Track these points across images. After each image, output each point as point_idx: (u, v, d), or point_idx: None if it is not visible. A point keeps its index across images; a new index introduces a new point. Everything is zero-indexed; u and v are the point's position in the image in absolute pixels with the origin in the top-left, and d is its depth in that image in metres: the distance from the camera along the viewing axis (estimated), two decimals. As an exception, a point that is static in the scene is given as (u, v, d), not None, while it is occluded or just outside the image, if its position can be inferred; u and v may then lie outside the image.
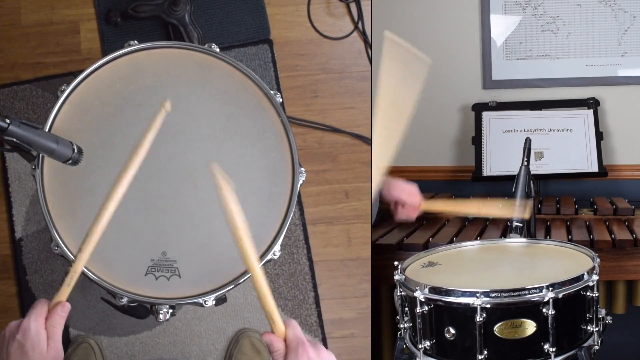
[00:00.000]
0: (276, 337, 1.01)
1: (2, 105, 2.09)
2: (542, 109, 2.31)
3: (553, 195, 2.22)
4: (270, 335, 1.02)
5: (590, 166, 2.20)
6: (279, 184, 1.31)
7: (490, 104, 2.34)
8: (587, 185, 2.28)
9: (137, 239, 1.26)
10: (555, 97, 2.34)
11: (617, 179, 2.31)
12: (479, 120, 2.31)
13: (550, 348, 1.18)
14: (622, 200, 2.08)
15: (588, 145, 2.23)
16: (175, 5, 1.96)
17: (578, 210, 1.99)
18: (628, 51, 2.30)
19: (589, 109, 2.27)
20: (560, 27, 2.33)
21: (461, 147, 2.41)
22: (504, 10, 2.36)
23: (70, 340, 1.95)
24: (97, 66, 1.33)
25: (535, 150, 2.21)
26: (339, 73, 2.17)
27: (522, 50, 2.37)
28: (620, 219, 1.94)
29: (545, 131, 2.26)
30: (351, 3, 2.19)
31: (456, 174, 2.44)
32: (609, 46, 2.31)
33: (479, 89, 2.40)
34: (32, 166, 1.27)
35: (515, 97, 2.37)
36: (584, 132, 2.24)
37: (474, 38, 2.39)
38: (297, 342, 1.00)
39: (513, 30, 2.36)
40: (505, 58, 2.38)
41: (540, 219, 1.96)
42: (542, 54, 2.35)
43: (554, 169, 2.21)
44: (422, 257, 1.46)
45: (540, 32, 2.35)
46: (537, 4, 2.33)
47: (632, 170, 2.33)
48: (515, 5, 2.35)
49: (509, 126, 2.29)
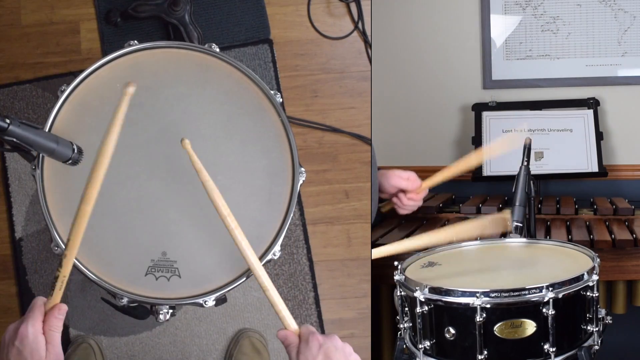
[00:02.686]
0: (290, 332, 1.10)
1: (2, 105, 2.09)
2: (542, 109, 2.31)
3: (553, 195, 2.22)
4: (285, 330, 1.10)
5: (590, 166, 2.20)
6: (279, 184, 1.31)
7: (490, 104, 2.34)
8: (587, 185, 2.28)
9: (137, 239, 1.26)
10: (555, 97, 2.34)
11: (617, 179, 2.31)
12: (479, 120, 2.31)
13: (550, 348, 1.18)
14: (622, 200, 2.08)
15: (588, 145, 2.23)
16: (175, 5, 1.96)
17: (578, 210, 1.99)
18: (628, 51, 2.30)
19: (589, 109, 2.27)
20: (560, 27, 2.33)
21: (461, 147, 2.41)
22: (504, 10, 2.36)
23: (70, 341, 1.95)
24: (97, 66, 1.33)
25: (535, 150, 2.21)
26: (339, 73, 2.17)
27: (522, 50, 2.37)
28: (620, 219, 1.94)
29: (545, 131, 2.26)
30: (351, 3, 2.19)
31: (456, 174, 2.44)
32: (609, 46, 2.31)
33: (479, 89, 2.40)
34: (32, 166, 1.27)
35: (515, 97, 2.37)
36: (584, 132, 2.24)
37: (474, 38, 2.39)
38: (308, 333, 1.07)
39: (513, 30, 2.36)
40: (505, 58, 2.38)
41: (540, 219, 1.95)
42: (542, 54, 2.35)
43: (554, 169, 2.21)
44: (422, 257, 1.46)
45: (540, 32, 2.35)
46: (537, 4, 2.33)
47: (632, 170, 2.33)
48: (515, 5, 2.35)
49: (509, 126, 2.29)
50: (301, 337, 1.08)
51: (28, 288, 2.00)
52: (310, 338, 1.05)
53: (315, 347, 1.03)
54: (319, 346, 1.03)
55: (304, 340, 1.06)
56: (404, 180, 1.66)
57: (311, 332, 1.07)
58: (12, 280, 2.02)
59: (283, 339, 1.09)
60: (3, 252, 2.03)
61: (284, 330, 1.11)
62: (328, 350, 1.03)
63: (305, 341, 1.05)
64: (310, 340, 1.05)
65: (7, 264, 2.02)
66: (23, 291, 2.00)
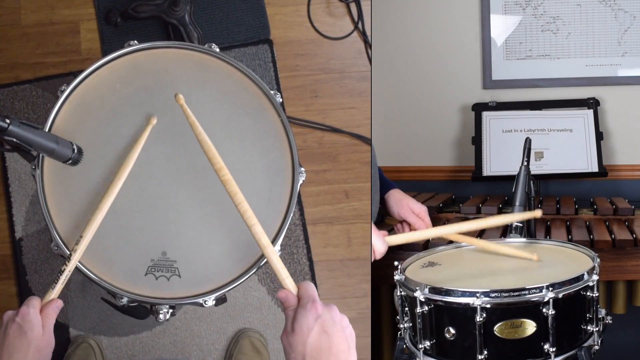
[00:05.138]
0: (291, 294, 1.05)
1: (2, 105, 2.09)
2: (542, 109, 2.31)
3: (553, 195, 2.22)
4: (286, 291, 1.06)
5: (590, 166, 2.20)
6: (279, 184, 1.31)
7: (490, 104, 2.34)
8: (587, 185, 2.29)
9: (137, 239, 1.26)
10: (555, 97, 2.35)
11: (617, 179, 2.31)
12: (479, 120, 2.31)
13: (550, 348, 1.18)
14: (622, 200, 2.08)
15: (588, 145, 2.23)
16: (175, 5, 1.96)
17: (578, 210, 1.99)
18: (628, 51, 2.30)
19: (589, 109, 2.27)
20: (560, 27, 2.33)
21: (461, 147, 2.42)
22: (504, 10, 2.36)
23: (70, 340, 1.95)
24: (97, 66, 1.32)
25: (535, 150, 2.21)
26: (339, 73, 2.17)
27: (522, 50, 2.37)
28: (620, 219, 1.94)
29: (545, 131, 2.26)
30: (351, 3, 2.19)
31: (456, 174, 2.44)
32: (609, 46, 2.31)
33: (479, 89, 2.41)
34: (32, 166, 1.27)
35: (515, 97, 2.37)
36: (584, 132, 2.24)
37: (474, 38, 2.39)
38: (307, 298, 1.02)
39: (513, 30, 2.36)
40: (505, 58, 2.38)
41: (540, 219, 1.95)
42: (542, 54, 2.36)
43: (554, 169, 2.21)
44: (422, 257, 1.46)
45: (540, 32, 2.35)
46: (537, 4, 2.33)
47: (632, 170, 2.33)
48: (515, 5, 2.35)
49: (509, 126, 2.29)
50: (300, 300, 1.03)
51: (28, 288, 2.00)
52: (309, 306, 1.00)
53: (312, 317, 0.99)
54: (317, 316, 0.99)
55: (302, 305, 1.01)
56: (414, 217, 1.61)
57: (311, 299, 1.02)
58: (12, 280, 2.02)
59: (283, 299, 1.05)
60: (3, 252, 2.03)
61: (284, 291, 1.06)
62: (325, 323, 0.99)
63: (303, 307, 1.01)
64: (308, 309, 1.00)
65: (7, 264, 2.02)
66: (23, 291, 2.00)
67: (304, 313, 1.00)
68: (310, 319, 0.99)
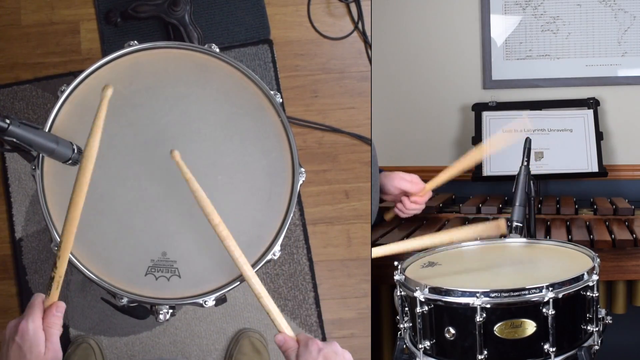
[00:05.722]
0: (289, 337, 1.10)
1: (2, 105, 2.09)
2: (542, 109, 2.31)
3: (553, 195, 2.22)
4: (283, 334, 1.10)
5: (590, 166, 2.20)
6: (279, 184, 1.31)
7: (490, 104, 2.34)
8: (587, 185, 2.28)
9: (137, 239, 1.26)
10: (555, 97, 2.34)
11: (617, 179, 2.31)
12: (479, 120, 2.31)
13: (550, 348, 1.18)
14: (622, 200, 2.08)
15: (588, 145, 2.23)
16: (175, 5, 1.96)
17: (578, 210, 1.99)
18: (628, 51, 2.30)
19: (589, 109, 2.27)
20: (560, 27, 2.33)
21: (461, 147, 2.41)
22: (504, 10, 2.36)
23: (70, 340, 1.95)
24: (97, 66, 1.33)
25: (535, 150, 2.21)
26: (339, 73, 2.17)
27: (522, 50, 2.37)
28: (620, 219, 1.94)
29: (545, 131, 2.26)
30: (351, 3, 2.19)
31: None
32: (609, 46, 2.31)
33: (479, 89, 2.40)
34: (32, 166, 1.27)
35: (515, 97, 2.37)
36: (584, 132, 2.24)
37: (474, 38, 2.39)
38: (307, 339, 1.07)
39: (513, 30, 2.36)
40: (505, 58, 2.38)
41: (540, 219, 1.95)
42: (542, 54, 2.35)
43: (554, 169, 2.21)
44: (422, 257, 1.46)
45: (540, 32, 2.34)
46: (537, 4, 2.33)
47: (632, 170, 2.33)
48: (515, 5, 2.35)
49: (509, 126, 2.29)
50: (300, 341, 1.08)
51: (28, 288, 2.00)
52: (310, 342, 1.05)
53: (314, 351, 1.03)
54: (319, 350, 1.04)
55: (303, 344, 1.06)
56: (407, 182, 1.64)
57: (310, 338, 1.07)
58: (12, 280, 2.02)
59: (281, 343, 1.09)
60: (3, 252, 2.03)
61: (282, 334, 1.10)
62: (327, 354, 1.03)
63: (305, 345, 1.05)
64: (309, 345, 1.05)
65: (7, 264, 2.02)
66: (23, 291, 2.00)
67: (306, 349, 1.04)
68: (313, 353, 1.03)
